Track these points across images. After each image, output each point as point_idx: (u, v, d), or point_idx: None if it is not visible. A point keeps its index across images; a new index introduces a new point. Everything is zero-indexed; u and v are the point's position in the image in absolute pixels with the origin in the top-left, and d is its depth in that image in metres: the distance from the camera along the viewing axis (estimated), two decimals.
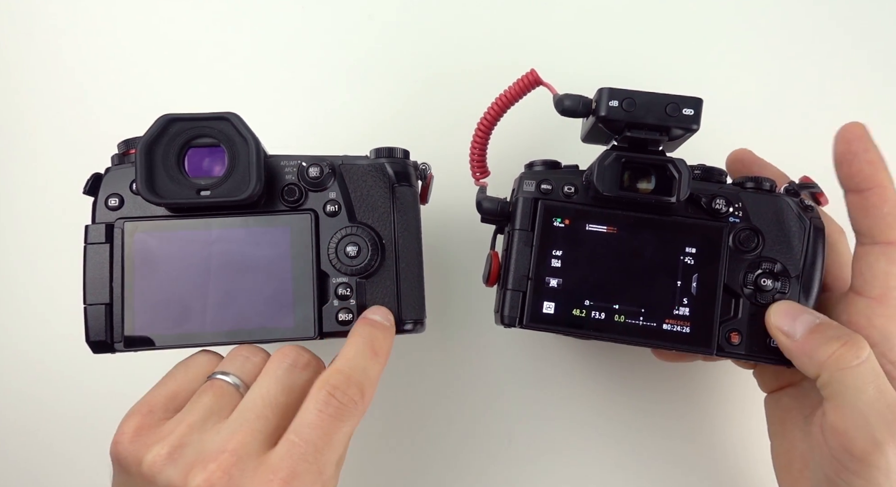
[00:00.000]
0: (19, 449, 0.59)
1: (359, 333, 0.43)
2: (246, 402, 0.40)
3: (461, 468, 0.59)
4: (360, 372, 0.41)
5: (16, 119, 0.63)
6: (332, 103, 0.63)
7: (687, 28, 0.65)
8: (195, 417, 0.39)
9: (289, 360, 0.42)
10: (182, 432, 0.38)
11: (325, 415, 0.39)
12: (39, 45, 0.64)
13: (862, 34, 0.64)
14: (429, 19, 0.65)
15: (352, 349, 0.42)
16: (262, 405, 0.39)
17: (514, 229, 0.48)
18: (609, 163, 0.46)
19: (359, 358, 0.41)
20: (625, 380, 0.60)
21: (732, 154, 0.55)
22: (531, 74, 0.49)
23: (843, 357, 0.41)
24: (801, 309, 0.45)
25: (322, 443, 0.38)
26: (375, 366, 0.42)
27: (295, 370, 0.41)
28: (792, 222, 0.47)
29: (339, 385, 0.39)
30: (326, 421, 0.38)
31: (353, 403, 0.39)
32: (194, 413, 0.39)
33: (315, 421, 0.38)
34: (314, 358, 0.43)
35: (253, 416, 0.39)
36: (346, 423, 0.39)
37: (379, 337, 0.43)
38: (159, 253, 0.44)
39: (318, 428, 0.38)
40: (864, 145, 0.44)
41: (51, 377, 0.60)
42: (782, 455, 0.49)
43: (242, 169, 0.44)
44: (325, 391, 0.39)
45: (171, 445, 0.38)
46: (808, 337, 0.43)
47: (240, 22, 0.65)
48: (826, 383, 0.42)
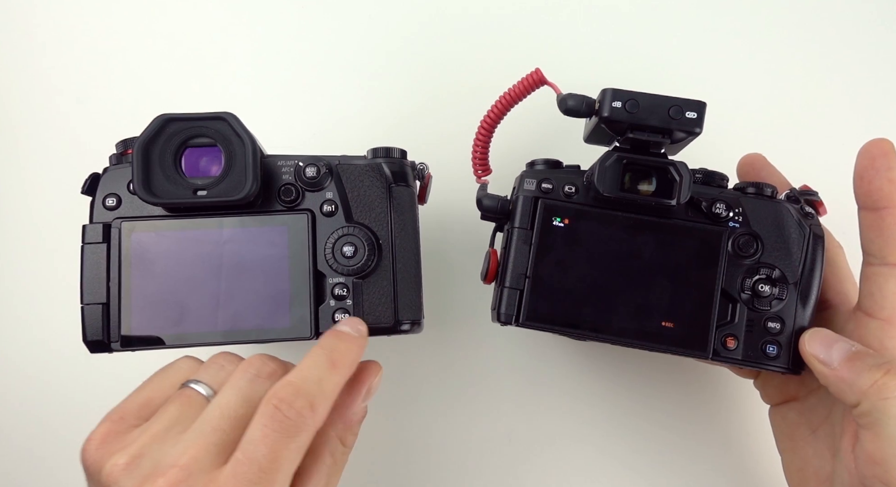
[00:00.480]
0: (19, 449, 0.60)
1: (320, 344, 0.41)
2: (205, 414, 0.38)
3: (460, 467, 0.60)
4: (313, 384, 0.38)
5: (14, 119, 0.63)
6: (331, 103, 0.63)
7: (692, 31, 0.64)
8: (159, 427, 0.38)
9: (253, 370, 0.40)
10: (143, 442, 0.37)
11: (270, 431, 0.36)
12: (38, 44, 0.64)
13: (868, 40, 0.63)
14: (429, 19, 0.64)
15: (308, 360, 0.40)
16: (219, 416, 0.38)
17: (513, 227, 0.48)
18: (610, 163, 0.45)
19: (314, 368, 0.39)
20: (623, 380, 0.60)
21: (745, 157, 0.54)
22: (536, 73, 0.48)
23: (887, 386, 0.40)
24: (836, 337, 0.44)
25: (267, 462, 0.36)
26: (332, 378, 0.40)
27: (258, 380, 0.40)
28: (792, 229, 0.47)
29: (286, 397, 0.37)
30: (271, 438, 0.36)
31: (301, 417, 0.37)
32: (159, 422, 0.38)
33: (259, 438, 0.36)
34: (280, 368, 0.42)
35: (209, 429, 0.37)
36: (294, 439, 0.37)
37: (341, 347, 0.41)
38: (156, 253, 0.44)
39: (262, 445, 0.36)
40: (889, 163, 0.43)
41: (48, 376, 0.60)
42: (796, 471, 0.49)
43: (239, 169, 0.44)
44: (272, 404, 0.37)
45: (130, 455, 0.36)
46: (847, 365, 0.42)
47: (238, 22, 0.64)
48: (866, 412, 0.41)
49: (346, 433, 0.43)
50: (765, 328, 0.46)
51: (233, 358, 0.43)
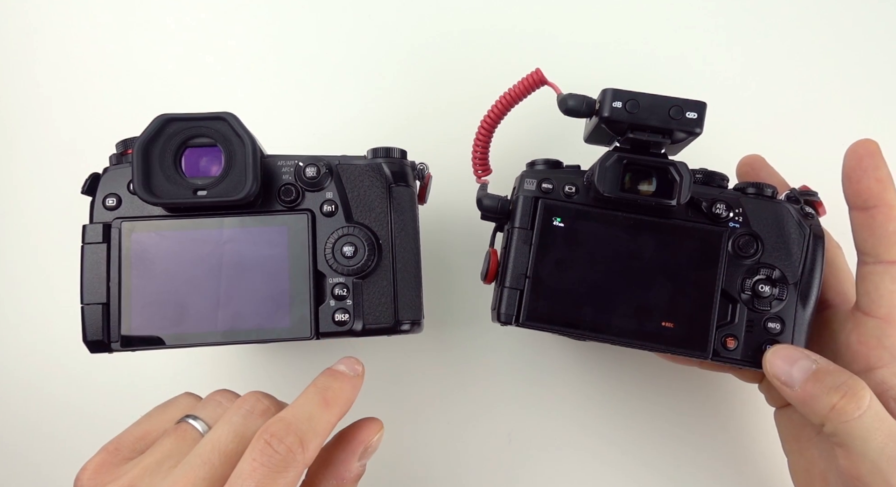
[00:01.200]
0: (18, 448, 0.60)
1: (314, 382, 0.41)
2: (197, 448, 0.38)
3: (460, 467, 0.60)
4: (304, 422, 0.38)
5: (14, 119, 0.63)
6: (331, 103, 0.63)
7: (693, 31, 0.64)
8: (152, 460, 0.38)
9: (247, 406, 0.40)
10: (134, 475, 0.37)
11: (259, 465, 0.36)
12: (38, 44, 0.64)
13: (868, 40, 0.63)
14: (429, 19, 0.64)
15: (302, 398, 0.40)
16: (209, 450, 0.38)
17: (513, 227, 0.48)
18: (611, 164, 0.45)
19: (306, 406, 0.39)
20: (623, 380, 0.60)
21: (745, 158, 0.54)
22: (536, 74, 0.48)
23: (845, 409, 0.40)
24: (799, 354, 0.44)
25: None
26: (325, 416, 0.40)
27: (251, 416, 0.40)
28: (792, 229, 0.47)
29: (277, 433, 0.37)
30: (259, 472, 0.36)
31: (290, 453, 0.37)
32: (153, 455, 0.39)
33: (248, 472, 0.36)
34: (274, 405, 0.42)
35: (199, 462, 0.37)
36: (283, 475, 0.37)
37: (335, 387, 0.41)
38: (156, 253, 0.44)
39: (250, 480, 0.36)
40: (875, 162, 0.43)
41: (48, 376, 0.60)
42: (802, 472, 0.49)
43: (239, 169, 0.44)
44: (263, 439, 0.37)
45: (121, 486, 0.37)
46: (807, 386, 0.42)
47: (238, 22, 0.64)
48: (832, 433, 0.41)
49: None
50: (765, 328, 0.46)
51: (230, 396, 0.43)
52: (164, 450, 0.39)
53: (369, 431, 0.44)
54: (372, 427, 0.44)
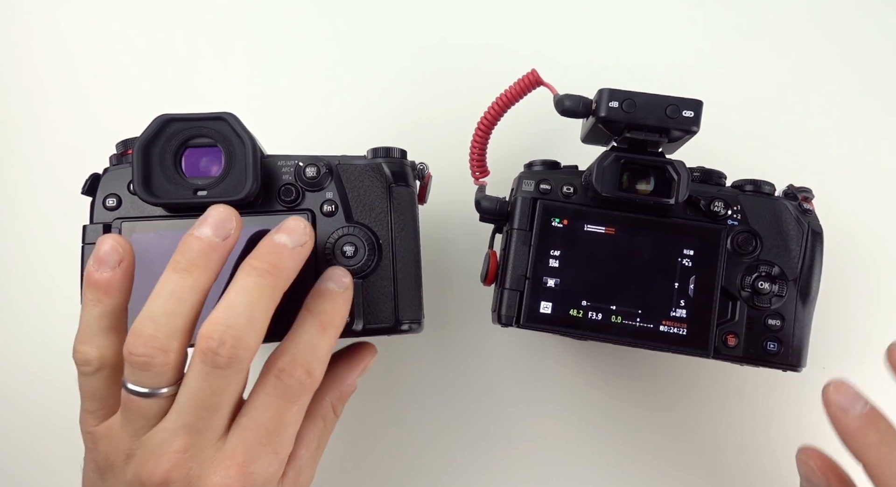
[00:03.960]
0: (17, 449, 0.60)
1: (308, 307, 0.42)
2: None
3: (460, 467, 0.60)
4: (307, 352, 0.40)
5: (14, 119, 0.63)
6: (331, 103, 0.63)
7: (688, 29, 0.64)
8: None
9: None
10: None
11: (273, 398, 0.39)
12: (38, 44, 0.64)
13: (864, 37, 0.63)
14: (429, 19, 0.64)
15: (300, 327, 0.41)
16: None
17: (512, 228, 0.48)
18: (608, 163, 0.45)
19: (306, 335, 0.40)
20: (623, 380, 0.60)
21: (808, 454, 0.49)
22: (532, 74, 0.49)
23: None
24: (855, 393, 0.44)
25: (273, 425, 0.39)
26: (324, 341, 0.41)
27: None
28: (790, 225, 0.47)
29: (285, 368, 0.39)
30: (275, 404, 0.39)
31: (300, 384, 0.39)
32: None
33: (264, 405, 0.39)
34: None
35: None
36: (296, 403, 0.39)
37: (328, 309, 0.41)
38: (156, 254, 0.44)
39: (267, 411, 0.39)
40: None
41: (48, 377, 0.60)
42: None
43: (239, 169, 0.44)
44: (273, 375, 0.39)
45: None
46: (859, 423, 0.42)
47: (237, 22, 0.65)
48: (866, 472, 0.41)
49: (339, 402, 0.46)
50: (765, 325, 0.47)
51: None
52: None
53: (368, 353, 0.48)
54: (370, 350, 0.48)
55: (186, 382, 0.38)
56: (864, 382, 0.59)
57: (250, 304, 0.38)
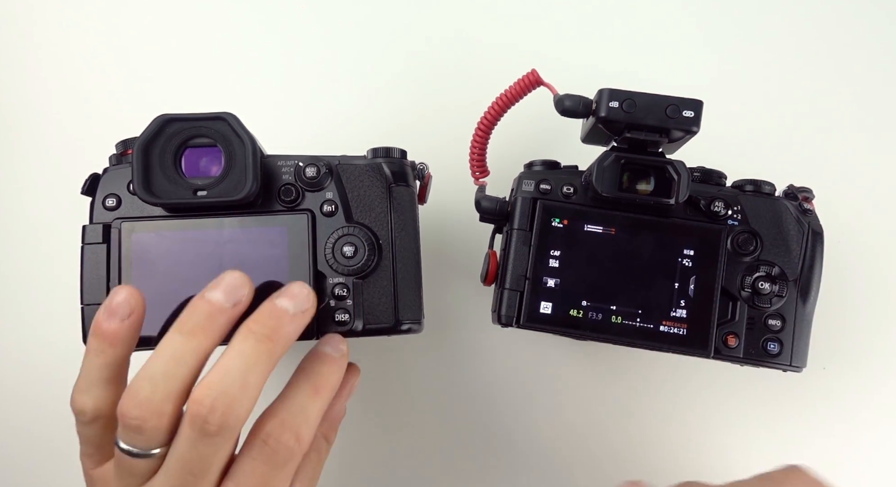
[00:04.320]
0: (17, 449, 0.60)
1: (302, 369, 0.41)
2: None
3: (460, 467, 0.60)
4: (297, 415, 0.39)
5: (14, 119, 0.63)
6: (331, 103, 0.63)
7: (688, 29, 0.64)
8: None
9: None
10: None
11: (260, 463, 0.38)
12: (38, 44, 0.64)
13: (864, 38, 0.63)
14: (428, 19, 0.64)
15: (292, 389, 0.40)
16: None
17: (512, 229, 0.48)
18: (608, 163, 0.45)
19: (297, 398, 0.40)
20: (623, 380, 0.60)
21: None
22: (532, 74, 0.49)
23: None
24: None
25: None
26: (316, 405, 0.40)
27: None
28: (790, 225, 0.47)
29: (272, 432, 0.38)
30: (261, 469, 0.38)
31: (288, 449, 0.38)
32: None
33: (250, 470, 0.38)
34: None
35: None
36: (283, 469, 0.38)
37: (323, 372, 0.41)
38: (156, 254, 0.44)
39: (253, 476, 0.37)
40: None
41: (48, 377, 0.60)
42: None
43: (239, 169, 0.44)
44: (260, 439, 0.38)
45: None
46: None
47: (237, 22, 0.65)
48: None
49: (330, 431, 0.45)
50: (765, 325, 0.47)
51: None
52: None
53: (353, 377, 0.46)
54: (354, 372, 0.47)
55: (175, 446, 0.37)
56: (864, 382, 0.59)
57: (245, 370, 0.36)
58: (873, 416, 0.59)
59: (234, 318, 0.38)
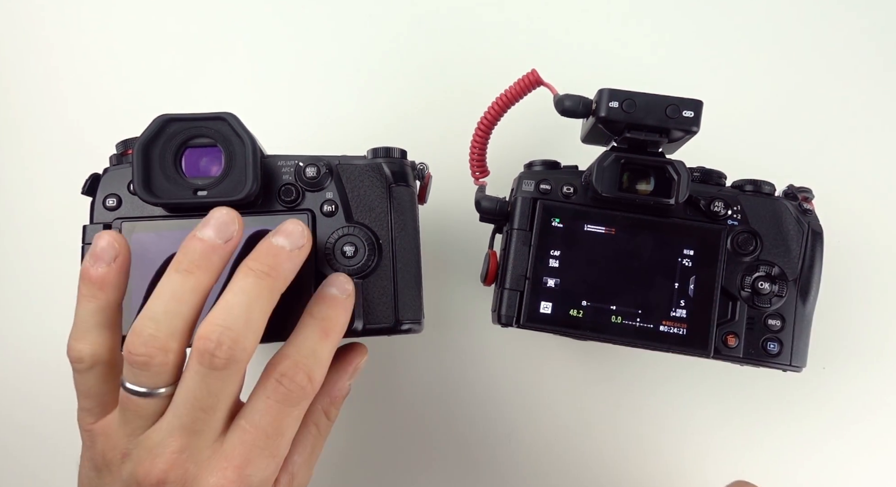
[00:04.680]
0: (17, 449, 0.60)
1: (311, 312, 0.42)
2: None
3: (460, 467, 0.60)
4: (309, 357, 0.40)
5: (14, 119, 0.63)
6: (331, 103, 0.63)
7: (688, 30, 0.64)
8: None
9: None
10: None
11: (273, 402, 0.39)
12: (38, 44, 0.64)
13: (863, 38, 0.63)
14: (428, 19, 0.64)
15: (302, 331, 0.41)
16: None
17: (512, 229, 0.48)
18: (608, 163, 0.45)
19: (308, 340, 0.40)
20: (623, 380, 0.60)
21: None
22: (532, 74, 0.49)
23: None
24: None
25: (272, 429, 0.39)
26: (326, 347, 0.41)
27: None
28: (790, 225, 0.47)
29: (287, 372, 0.39)
30: (275, 408, 0.39)
31: (301, 389, 0.39)
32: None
33: (264, 409, 0.39)
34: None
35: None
36: (296, 408, 0.39)
37: (331, 315, 0.41)
38: (157, 254, 0.44)
39: (266, 414, 0.38)
40: None
41: (48, 377, 0.60)
42: None
43: (239, 169, 0.44)
44: (274, 379, 0.39)
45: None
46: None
47: (238, 22, 0.65)
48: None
49: (331, 407, 0.45)
50: (765, 325, 0.47)
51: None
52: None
53: (357, 354, 0.47)
54: (360, 350, 0.47)
55: (183, 383, 0.38)
56: (864, 382, 0.59)
57: (248, 306, 0.37)
58: (873, 416, 0.59)
59: (228, 254, 0.39)
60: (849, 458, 0.59)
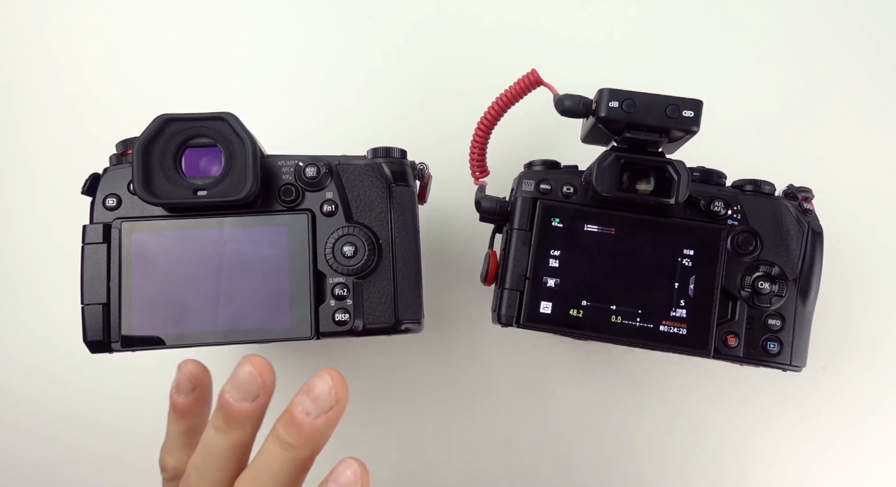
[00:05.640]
0: (18, 449, 0.60)
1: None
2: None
3: (460, 467, 0.60)
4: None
5: (14, 119, 0.63)
6: (331, 103, 0.63)
7: (688, 30, 0.64)
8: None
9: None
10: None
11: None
12: (38, 44, 0.64)
13: (863, 38, 0.63)
14: (428, 19, 0.64)
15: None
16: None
17: (512, 229, 0.48)
18: (608, 163, 0.45)
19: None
20: (623, 380, 0.60)
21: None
22: (532, 74, 0.49)
23: None
24: None
25: None
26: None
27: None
28: (790, 225, 0.47)
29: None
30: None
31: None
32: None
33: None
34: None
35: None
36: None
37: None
38: (156, 253, 0.44)
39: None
40: None
41: (49, 376, 0.60)
42: None
43: (239, 169, 0.44)
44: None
45: None
46: None
47: (238, 22, 0.65)
48: None
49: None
50: (765, 325, 0.47)
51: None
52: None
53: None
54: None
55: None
56: (864, 381, 0.59)
57: (272, 478, 0.37)
58: (873, 416, 0.59)
59: (259, 410, 0.38)
60: (849, 458, 0.59)
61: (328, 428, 0.38)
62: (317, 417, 0.37)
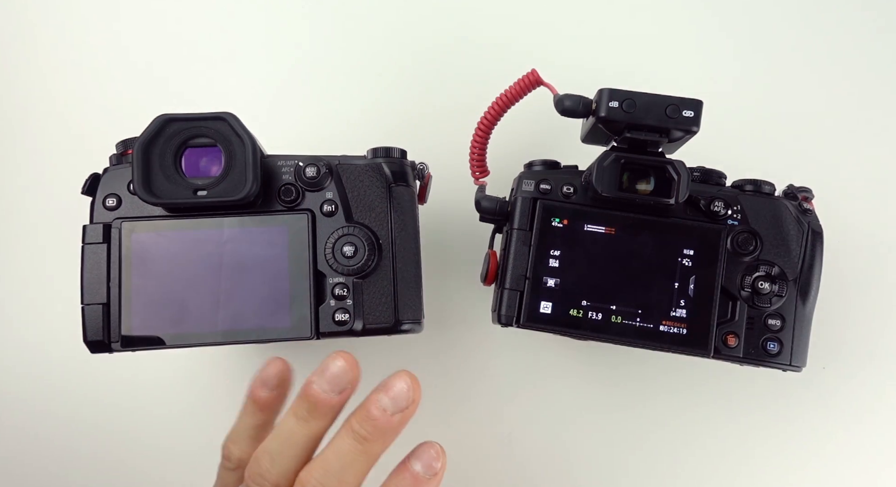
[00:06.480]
0: (19, 449, 0.60)
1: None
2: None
3: (460, 468, 0.59)
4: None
5: (14, 119, 0.63)
6: (331, 103, 0.63)
7: (688, 30, 0.64)
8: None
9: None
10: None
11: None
12: (39, 44, 0.64)
13: (863, 38, 0.63)
14: (428, 19, 0.64)
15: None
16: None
17: (512, 228, 0.48)
18: (608, 163, 0.45)
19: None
20: (623, 380, 0.60)
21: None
22: (532, 74, 0.49)
23: None
24: None
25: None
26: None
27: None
28: (790, 225, 0.47)
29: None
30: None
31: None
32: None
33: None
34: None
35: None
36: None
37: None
38: (156, 253, 0.44)
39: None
40: None
41: (49, 376, 0.60)
42: None
43: (239, 169, 0.44)
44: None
45: None
46: None
47: (238, 22, 0.65)
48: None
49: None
50: (765, 325, 0.47)
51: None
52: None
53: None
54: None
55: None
56: (864, 381, 0.59)
57: (343, 468, 0.38)
58: (873, 415, 0.59)
59: (343, 403, 0.40)
60: (849, 458, 0.59)
61: (401, 425, 0.41)
62: (393, 414, 0.40)
